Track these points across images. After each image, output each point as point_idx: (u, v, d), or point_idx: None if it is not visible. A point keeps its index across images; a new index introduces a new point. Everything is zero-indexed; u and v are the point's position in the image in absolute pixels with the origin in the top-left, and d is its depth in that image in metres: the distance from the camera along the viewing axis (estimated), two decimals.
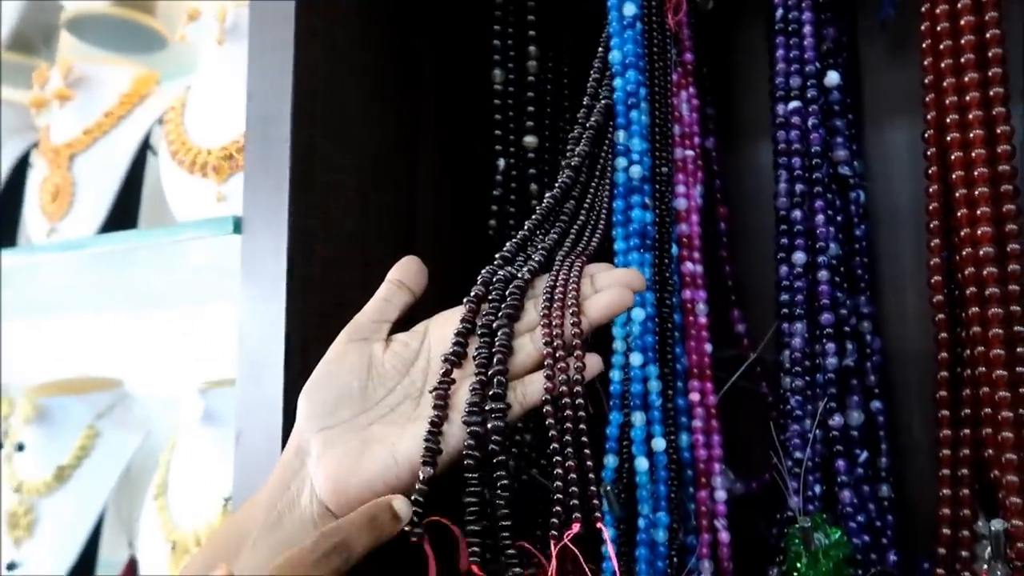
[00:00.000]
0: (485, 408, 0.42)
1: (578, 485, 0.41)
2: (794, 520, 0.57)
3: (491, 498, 0.41)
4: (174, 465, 0.94)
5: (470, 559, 0.39)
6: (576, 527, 0.40)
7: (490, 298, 0.47)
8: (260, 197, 0.59)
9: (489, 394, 0.43)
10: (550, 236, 0.52)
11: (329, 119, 0.61)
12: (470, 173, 0.72)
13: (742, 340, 0.69)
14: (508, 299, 0.47)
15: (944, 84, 0.53)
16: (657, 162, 0.59)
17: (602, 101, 0.58)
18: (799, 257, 0.61)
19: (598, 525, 0.40)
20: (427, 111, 0.70)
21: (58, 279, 1.03)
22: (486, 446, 0.41)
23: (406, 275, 0.50)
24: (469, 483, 0.41)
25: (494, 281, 0.48)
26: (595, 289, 0.47)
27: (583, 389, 0.43)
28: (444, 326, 0.47)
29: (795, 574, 0.56)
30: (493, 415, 0.42)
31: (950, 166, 0.53)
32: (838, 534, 0.55)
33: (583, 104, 0.58)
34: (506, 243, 0.52)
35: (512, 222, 0.69)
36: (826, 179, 0.61)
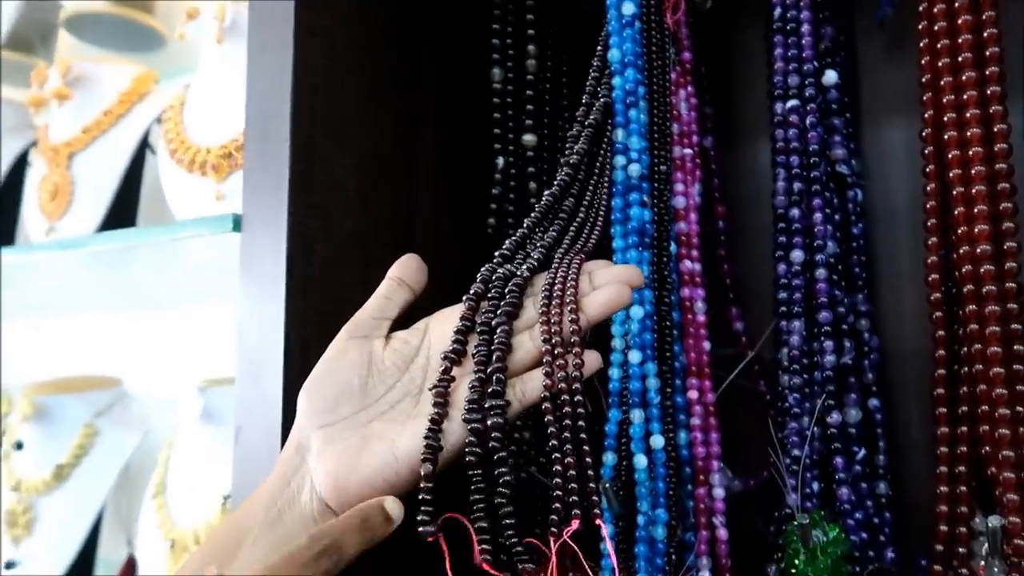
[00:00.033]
0: (484, 405, 0.42)
1: (577, 482, 0.41)
2: (792, 517, 0.57)
3: (494, 495, 0.41)
4: (173, 464, 0.94)
5: (481, 556, 0.39)
6: (575, 524, 0.40)
7: (489, 296, 0.47)
8: (260, 196, 0.59)
9: (488, 391, 0.43)
10: (549, 234, 0.52)
11: (329, 118, 0.61)
12: (469, 172, 0.72)
13: (740, 338, 0.70)
14: (507, 297, 0.47)
15: (941, 83, 0.53)
16: (656, 160, 0.59)
17: (601, 99, 0.58)
18: (797, 255, 0.61)
19: (597, 522, 0.40)
20: (426, 110, 0.71)
21: (57, 278, 1.03)
22: (487, 443, 0.41)
23: (406, 272, 0.50)
24: (473, 480, 0.41)
25: (493, 279, 0.48)
26: (593, 286, 0.47)
27: (582, 386, 0.43)
28: (444, 323, 0.47)
29: (793, 571, 0.56)
30: (492, 411, 0.42)
31: (947, 164, 0.53)
32: (836, 531, 0.55)
33: (582, 102, 0.58)
34: (505, 241, 0.52)
35: (511, 220, 0.69)
36: (824, 177, 0.62)
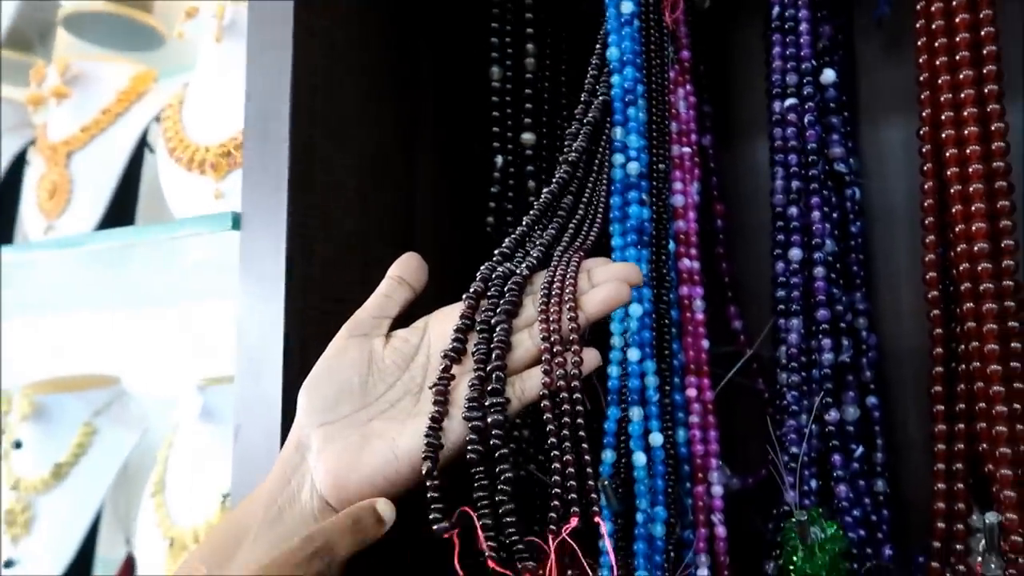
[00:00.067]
0: (485, 403, 0.42)
1: (576, 480, 0.41)
2: (790, 515, 0.57)
3: (495, 492, 0.41)
4: (172, 462, 0.94)
5: (488, 554, 0.39)
6: (574, 522, 0.40)
7: (489, 294, 0.47)
8: (259, 196, 0.59)
9: (488, 389, 0.43)
10: (548, 232, 0.52)
11: (328, 118, 0.61)
12: (468, 171, 0.72)
13: (739, 336, 0.70)
14: (507, 295, 0.47)
15: (939, 81, 0.53)
16: (654, 159, 0.59)
17: (600, 98, 0.58)
18: (795, 254, 0.61)
19: (596, 520, 0.40)
20: (425, 110, 0.71)
21: (55, 276, 1.03)
22: (488, 440, 0.41)
23: (406, 271, 0.50)
24: (475, 478, 0.41)
25: (493, 277, 0.48)
26: (592, 284, 0.47)
27: (581, 384, 0.43)
28: (444, 322, 0.48)
29: (791, 568, 0.56)
30: (492, 409, 0.42)
31: (945, 163, 0.53)
32: (834, 528, 0.56)
33: (581, 101, 0.58)
34: (505, 240, 0.52)
35: (510, 219, 0.69)
36: (822, 176, 0.62)
